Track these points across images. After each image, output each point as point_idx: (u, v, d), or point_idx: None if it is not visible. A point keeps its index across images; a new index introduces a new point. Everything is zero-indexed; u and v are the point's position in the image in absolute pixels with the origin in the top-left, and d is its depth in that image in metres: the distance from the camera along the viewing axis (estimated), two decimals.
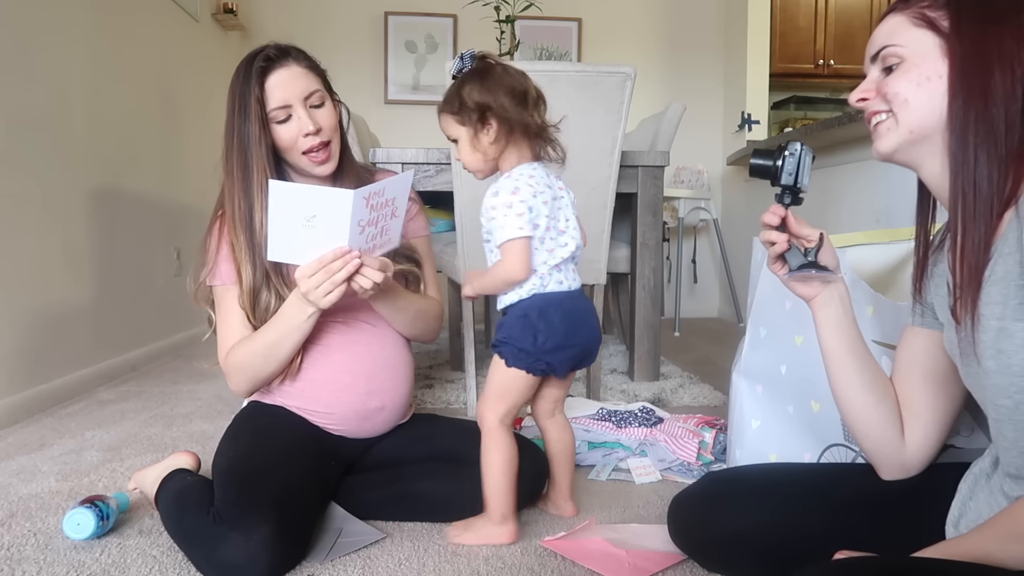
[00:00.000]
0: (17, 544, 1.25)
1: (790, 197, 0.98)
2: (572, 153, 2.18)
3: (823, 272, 0.97)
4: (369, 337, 1.41)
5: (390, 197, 1.20)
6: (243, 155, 1.32)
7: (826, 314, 0.99)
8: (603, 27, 4.63)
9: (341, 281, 1.18)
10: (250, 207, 1.31)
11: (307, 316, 1.26)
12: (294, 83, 1.32)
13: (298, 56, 1.35)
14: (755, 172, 1.00)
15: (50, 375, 2.27)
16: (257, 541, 1.06)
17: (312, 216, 1.14)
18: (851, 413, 0.99)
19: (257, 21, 4.38)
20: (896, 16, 0.85)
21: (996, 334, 0.76)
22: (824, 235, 0.99)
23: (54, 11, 2.34)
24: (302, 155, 1.34)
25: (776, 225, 0.98)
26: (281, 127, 1.33)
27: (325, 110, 1.36)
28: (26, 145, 2.17)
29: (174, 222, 3.32)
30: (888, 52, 0.84)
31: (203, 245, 1.38)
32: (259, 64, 1.30)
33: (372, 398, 1.38)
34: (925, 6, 0.83)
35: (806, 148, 0.98)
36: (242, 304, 1.32)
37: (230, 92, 1.34)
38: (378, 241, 1.23)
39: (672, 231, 4.38)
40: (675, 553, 1.17)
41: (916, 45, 0.82)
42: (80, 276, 2.48)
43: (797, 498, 1.03)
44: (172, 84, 3.34)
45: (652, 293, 2.56)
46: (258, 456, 1.24)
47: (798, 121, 4.73)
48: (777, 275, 1.01)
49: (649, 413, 1.84)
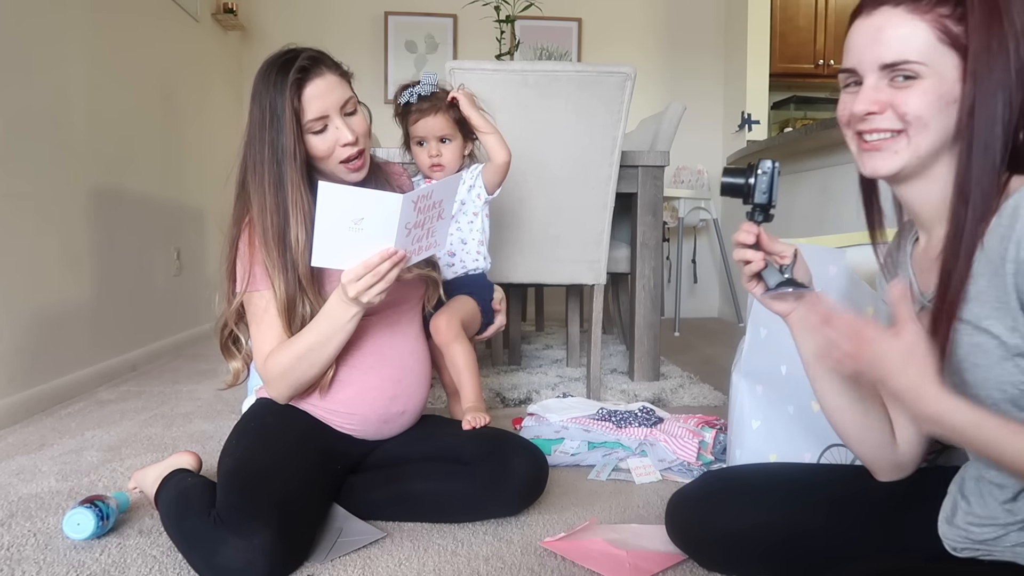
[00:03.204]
0: (17, 544, 1.25)
1: (762, 215, 0.97)
2: (572, 153, 2.20)
3: (800, 289, 0.96)
4: (400, 339, 1.41)
5: (437, 200, 1.20)
6: (277, 169, 1.27)
7: (804, 329, 0.98)
8: (603, 27, 4.63)
9: (389, 278, 1.18)
10: (284, 223, 1.27)
11: (351, 315, 1.24)
12: (331, 93, 1.30)
13: (331, 64, 1.33)
14: (726, 191, 0.99)
15: (50, 375, 2.27)
16: (257, 546, 1.06)
17: (360, 219, 1.13)
18: (841, 424, 0.98)
19: (257, 21, 4.38)
20: (912, 19, 0.78)
21: (970, 349, 0.76)
22: (797, 251, 0.98)
23: (54, 11, 2.34)
24: (339, 163, 1.33)
25: (751, 244, 0.96)
26: (317, 137, 1.30)
27: (358, 117, 1.35)
28: (26, 145, 2.17)
29: (174, 222, 3.32)
30: (906, 68, 0.78)
31: (228, 261, 1.34)
32: (295, 76, 1.26)
33: (396, 402, 1.38)
34: (945, 15, 0.77)
35: (777, 165, 0.97)
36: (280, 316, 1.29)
37: (256, 102, 1.28)
38: (424, 243, 1.24)
39: (672, 231, 4.38)
40: (675, 553, 1.17)
41: (939, 66, 0.77)
42: (80, 276, 2.48)
43: (794, 497, 1.03)
44: (172, 84, 3.34)
45: (652, 293, 2.56)
46: (262, 458, 1.23)
47: (798, 121, 4.73)
48: (752, 293, 1.00)
49: (649, 413, 1.84)
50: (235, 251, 1.33)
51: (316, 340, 1.27)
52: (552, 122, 2.15)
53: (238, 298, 1.33)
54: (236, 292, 1.33)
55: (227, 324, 1.37)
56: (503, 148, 1.73)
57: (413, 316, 1.48)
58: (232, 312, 1.35)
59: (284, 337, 1.29)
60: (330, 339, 1.27)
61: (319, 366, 1.29)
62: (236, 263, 1.33)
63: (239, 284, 1.32)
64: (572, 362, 2.84)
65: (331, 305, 1.25)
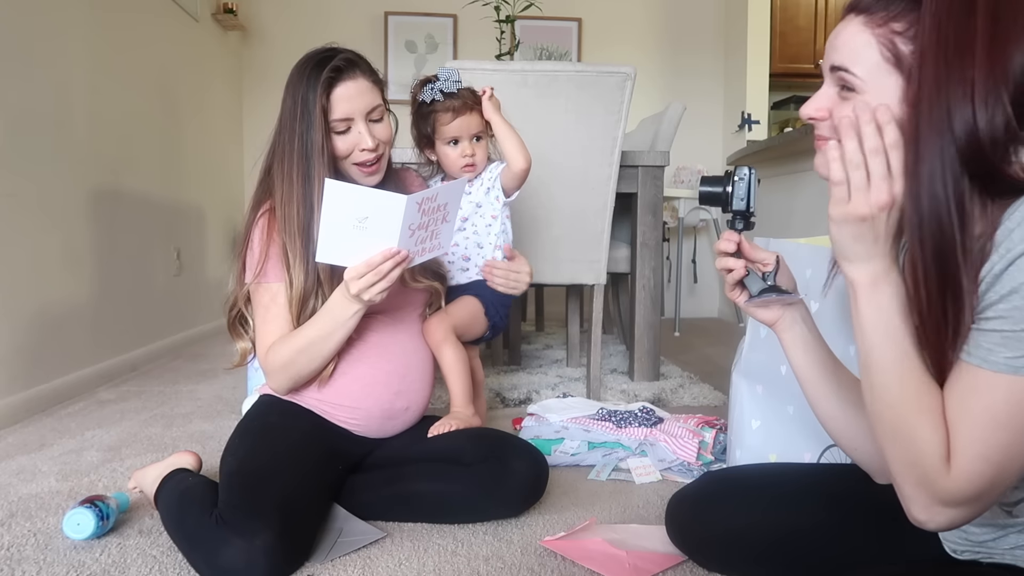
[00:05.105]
0: (17, 544, 1.25)
1: (742, 222, 0.97)
2: (572, 153, 2.20)
3: (784, 295, 0.96)
4: (405, 337, 1.43)
5: (442, 203, 1.22)
6: (305, 163, 1.31)
7: (792, 336, 0.98)
8: (603, 27, 4.63)
9: (390, 277, 1.20)
10: (309, 216, 1.30)
11: (353, 312, 1.26)
12: (361, 97, 1.33)
13: (366, 69, 1.35)
14: (705, 200, 0.99)
15: (50, 375, 2.27)
16: (259, 546, 1.06)
17: (364, 218, 1.15)
18: (835, 429, 0.97)
19: (257, 21, 4.38)
20: (864, 30, 0.75)
21: None
22: (780, 258, 0.98)
23: (54, 11, 2.34)
24: (354, 166, 1.36)
25: (732, 252, 0.96)
26: (339, 137, 1.33)
27: (383, 124, 1.38)
28: (26, 145, 2.17)
29: (174, 222, 3.32)
30: (846, 77, 0.76)
31: (243, 242, 1.36)
32: (328, 74, 1.29)
33: (400, 398, 1.40)
34: (899, 31, 0.73)
35: (753, 172, 0.98)
36: (289, 307, 1.31)
37: (290, 95, 1.32)
38: (427, 245, 1.25)
39: (672, 231, 4.38)
40: (675, 554, 1.17)
41: (878, 84, 0.74)
42: (80, 276, 2.48)
43: (794, 498, 1.03)
44: (172, 84, 3.34)
45: (652, 293, 2.56)
46: (264, 458, 1.24)
47: (798, 121, 4.73)
48: (736, 302, 0.99)
49: (649, 413, 1.84)
50: (251, 234, 1.35)
51: (318, 335, 1.29)
52: (552, 122, 2.15)
53: (246, 286, 1.36)
54: (245, 281, 1.35)
55: (235, 304, 1.40)
56: (521, 155, 1.68)
57: (418, 317, 1.50)
58: (243, 293, 1.38)
59: (288, 329, 1.32)
60: (331, 334, 1.29)
61: (319, 360, 1.31)
62: (247, 251, 1.35)
63: (248, 274, 1.35)
64: (572, 362, 2.84)
65: (333, 302, 1.27)
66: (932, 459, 0.71)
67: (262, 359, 1.35)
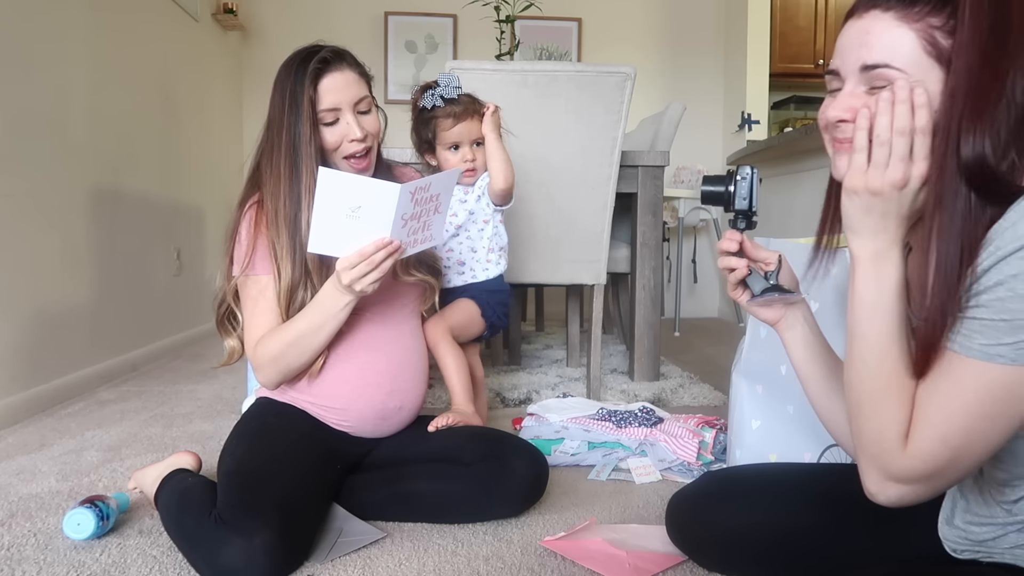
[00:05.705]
0: (17, 544, 1.25)
1: (744, 222, 0.98)
2: (572, 153, 2.20)
3: (786, 294, 0.96)
4: (396, 334, 1.42)
5: (435, 193, 1.22)
6: (293, 155, 1.32)
7: (793, 335, 0.98)
8: (603, 27, 4.63)
9: (383, 267, 1.20)
10: (296, 208, 1.31)
11: (344, 304, 1.26)
12: (347, 88, 1.34)
13: (352, 62, 1.37)
14: (707, 199, 0.99)
15: (50, 375, 2.27)
16: (258, 546, 1.06)
17: (357, 207, 1.15)
18: (836, 428, 0.97)
19: (257, 21, 4.38)
20: (899, 25, 0.74)
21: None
22: (782, 256, 0.98)
23: (54, 11, 2.33)
24: (343, 159, 1.37)
25: (734, 251, 0.96)
26: (327, 129, 1.34)
27: (371, 117, 1.39)
28: (26, 144, 2.17)
29: (174, 222, 3.32)
30: (886, 74, 0.74)
31: (231, 236, 1.37)
32: (315, 65, 1.31)
33: (393, 398, 1.39)
34: (936, 26, 0.72)
35: (756, 171, 0.98)
36: (278, 300, 1.32)
37: (278, 89, 1.34)
38: (420, 236, 1.26)
39: (672, 231, 4.38)
40: (675, 554, 1.17)
41: (922, 78, 0.73)
42: (80, 276, 2.48)
43: (794, 497, 1.03)
44: (172, 84, 3.34)
45: (652, 293, 2.56)
46: (263, 458, 1.24)
47: (798, 121, 4.73)
48: (738, 301, 0.99)
49: (649, 413, 1.84)
50: (239, 227, 1.36)
51: (308, 327, 1.29)
52: (552, 122, 2.15)
53: (234, 280, 1.36)
54: (233, 274, 1.35)
55: (224, 300, 1.40)
56: (503, 175, 1.70)
57: (410, 314, 1.49)
58: (231, 288, 1.38)
59: (277, 322, 1.32)
60: (322, 327, 1.28)
61: (309, 354, 1.31)
62: (235, 245, 1.35)
63: (236, 267, 1.35)
64: (572, 362, 2.84)
65: (324, 293, 1.27)
66: (891, 436, 0.74)
67: (251, 353, 1.35)
